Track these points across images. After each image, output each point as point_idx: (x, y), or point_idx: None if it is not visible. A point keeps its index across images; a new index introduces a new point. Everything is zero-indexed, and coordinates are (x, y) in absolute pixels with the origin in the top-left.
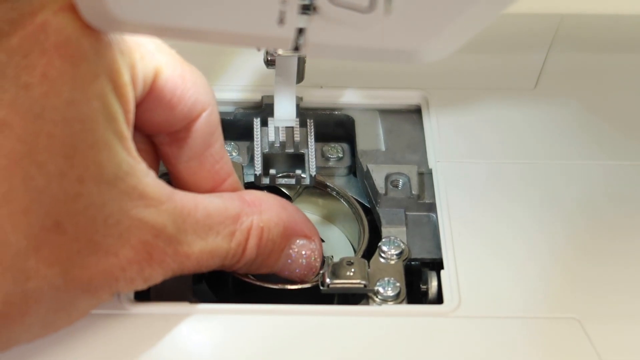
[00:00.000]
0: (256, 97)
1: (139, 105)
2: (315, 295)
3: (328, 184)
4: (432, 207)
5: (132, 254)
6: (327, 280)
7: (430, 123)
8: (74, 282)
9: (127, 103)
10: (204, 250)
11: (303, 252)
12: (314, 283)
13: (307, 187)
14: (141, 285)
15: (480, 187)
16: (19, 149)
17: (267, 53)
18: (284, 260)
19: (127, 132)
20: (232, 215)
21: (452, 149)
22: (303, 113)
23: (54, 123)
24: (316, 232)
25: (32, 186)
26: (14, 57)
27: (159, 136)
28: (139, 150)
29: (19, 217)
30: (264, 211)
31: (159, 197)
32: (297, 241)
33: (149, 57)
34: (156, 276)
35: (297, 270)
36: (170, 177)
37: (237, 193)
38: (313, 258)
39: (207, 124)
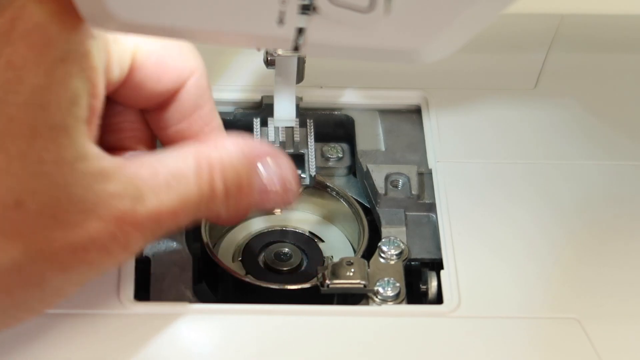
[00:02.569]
0: (256, 97)
1: (123, 84)
2: (315, 295)
3: (328, 184)
4: (431, 207)
5: (101, 224)
6: (327, 280)
7: (430, 123)
8: (38, 256)
9: (95, 87)
10: (173, 200)
11: (273, 174)
12: (314, 283)
13: (307, 187)
14: (122, 254)
15: (480, 187)
16: None
17: (267, 53)
18: (258, 191)
19: (89, 115)
20: (189, 157)
21: (452, 149)
22: (303, 113)
23: (15, 107)
24: (280, 151)
25: None
26: None
27: (148, 107)
28: (133, 128)
29: None
30: (219, 145)
31: (117, 169)
32: (264, 163)
33: (124, 38)
34: (135, 241)
35: (274, 196)
36: (161, 143)
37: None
38: (287, 174)
39: (195, 87)
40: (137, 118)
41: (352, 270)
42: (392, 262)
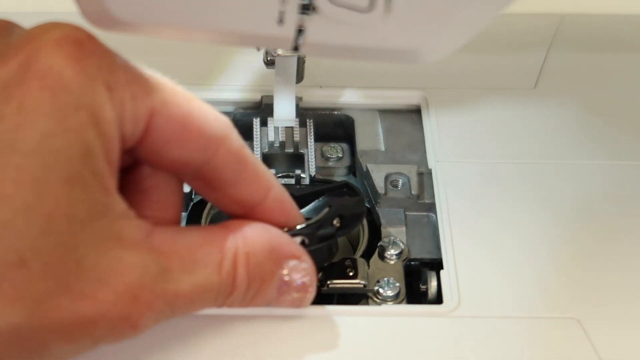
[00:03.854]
0: (256, 97)
1: (138, 144)
2: (315, 296)
3: None
4: (431, 207)
5: (114, 297)
6: (327, 280)
7: (430, 123)
8: (40, 323)
9: (110, 141)
10: (194, 285)
11: (296, 275)
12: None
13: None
14: (129, 334)
15: (480, 187)
16: None
17: (266, 53)
18: (277, 287)
19: (107, 170)
20: (216, 244)
21: (452, 149)
22: (303, 113)
23: (23, 155)
24: (304, 252)
25: None
26: None
27: (183, 173)
28: (151, 187)
29: None
30: (247, 236)
31: (137, 237)
32: (288, 263)
33: (143, 96)
34: (146, 321)
35: (293, 294)
36: (211, 202)
37: (221, 223)
38: (308, 279)
39: (229, 155)
40: (167, 182)
41: (352, 270)
42: (392, 262)
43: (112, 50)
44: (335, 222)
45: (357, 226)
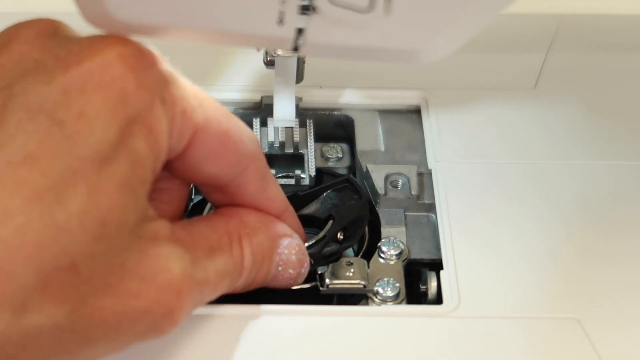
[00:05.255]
0: (256, 97)
1: (176, 157)
2: (315, 296)
3: None
4: (431, 207)
5: (158, 293)
6: (327, 280)
7: (430, 123)
8: (83, 324)
9: (160, 153)
10: (217, 271)
11: (292, 251)
12: (313, 284)
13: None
14: (170, 328)
15: (480, 187)
16: (42, 183)
17: (266, 53)
18: (275, 265)
19: (151, 180)
20: (222, 230)
21: (452, 149)
22: (302, 113)
23: (81, 160)
24: (294, 232)
25: (50, 222)
26: (53, 93)
27: (207, 187)
28: (164, 188)
29: (32, 250)
30: (244, 220)
31: (168, 234)
32: (282, 241)
33: (191, 113)
34: (184, 314)
35: (290, 271)
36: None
37: (214, 211)
38: (302, 255)
39: (256, 173)
40: (180, 185)
41: (352, 270)
42: (392, 262)
43: (167, 63)
44: (339, 235)
45: (360, 234)
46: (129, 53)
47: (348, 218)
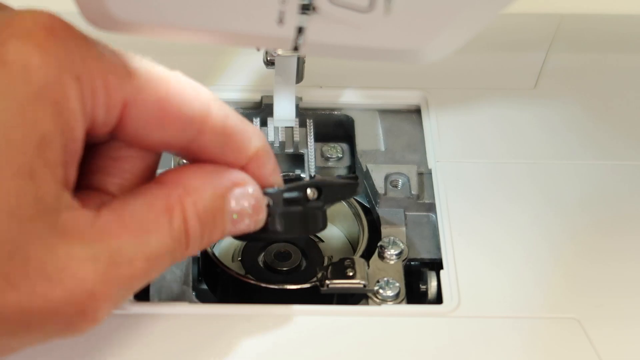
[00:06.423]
0: (256, 97)
1: (116, 129)
2: (315, 295)
3: None
4: (431, 207)
5: (67, 295)
6: (327, 280)
7: (430, 123)
8: None
9: (71, 131)
10: (148, 257)
11: (245, 201)
12: (314, 283)
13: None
14: (87, 326)
15: (480, 187)
16: None
17: (266, 53)
18: (230, 220)
19: (62, 161)
20: (160, 205)
21: (452, 149)
22: (302, 113)
23: None
24: (246, 176)
25: None
26: None
27: (167, 151)
28: (124, 156)
29: None
30: (186, 184)
31: (83, 228)
32: (233, 193)
33: (116, 85)
34: (105, 311)
35: (246, 221)
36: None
37: (156, 179)
38: (256, 201)
39: (212, 132)
40: (143, 153)
41: (352, 270)
42: (392, 262)
43: (89, 38)
44: (310, 192)
45: (336, 202)
46: (39, 29)
47: (329, 187)
